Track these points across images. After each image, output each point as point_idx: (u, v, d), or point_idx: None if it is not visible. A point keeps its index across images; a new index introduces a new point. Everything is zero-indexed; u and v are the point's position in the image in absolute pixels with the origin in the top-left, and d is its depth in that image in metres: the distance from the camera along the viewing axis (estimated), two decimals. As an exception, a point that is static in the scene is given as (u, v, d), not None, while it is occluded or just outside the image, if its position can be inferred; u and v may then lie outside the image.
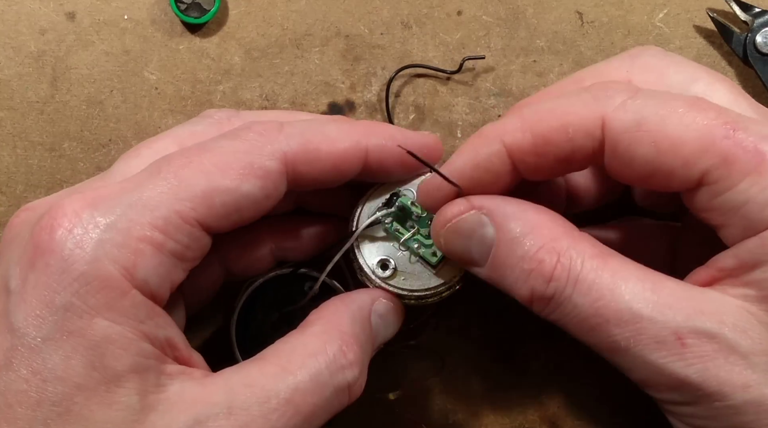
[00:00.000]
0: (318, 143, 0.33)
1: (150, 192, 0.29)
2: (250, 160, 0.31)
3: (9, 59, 0.44)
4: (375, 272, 0.37)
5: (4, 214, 0.44)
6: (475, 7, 0.44)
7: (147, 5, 0.44)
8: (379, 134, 0.35)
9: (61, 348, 0.28)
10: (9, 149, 0.44)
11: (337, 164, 0.34)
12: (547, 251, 0.31)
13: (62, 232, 0.28)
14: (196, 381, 0.30)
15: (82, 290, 0.28)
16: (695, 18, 0.44)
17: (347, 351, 0.32)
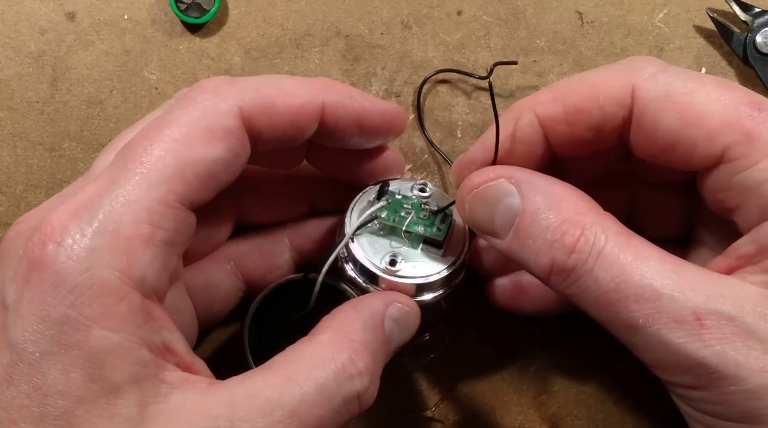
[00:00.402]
0: (273, 97, 0.32)
1: (124, 187, 0.29)
2: (208, 124, 0.31)
3: (9, 59, 0.44)
4: (386, 269, 0.36)
5: (4, 214, 0.44)
6: (475, 7, 0.44)
7: (147, 5, 0.44)
8: (337, 91, 0.34)
9: (60, 361, 0.27)
10: (9, 149, 0.44)
11: (293, 119, 0.33)
12: (572, 224, 0.31)
13: (53, 246, 0.28)
14: (198, 391, 0.30)
15: (78, 302, 0.28)
16: (695, 18, 0.44)
17: (357, 360, 0.31)
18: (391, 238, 0.37)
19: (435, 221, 0.37)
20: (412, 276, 0.36)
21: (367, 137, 0.36)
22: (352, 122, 0.35)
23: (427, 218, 0.37)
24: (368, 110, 0.34)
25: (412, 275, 0.36)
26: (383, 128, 0.36)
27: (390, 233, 0.37)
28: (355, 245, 0.37)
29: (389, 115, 0.36)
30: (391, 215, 0.37)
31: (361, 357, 0.31)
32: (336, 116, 0.34)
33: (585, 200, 0.32)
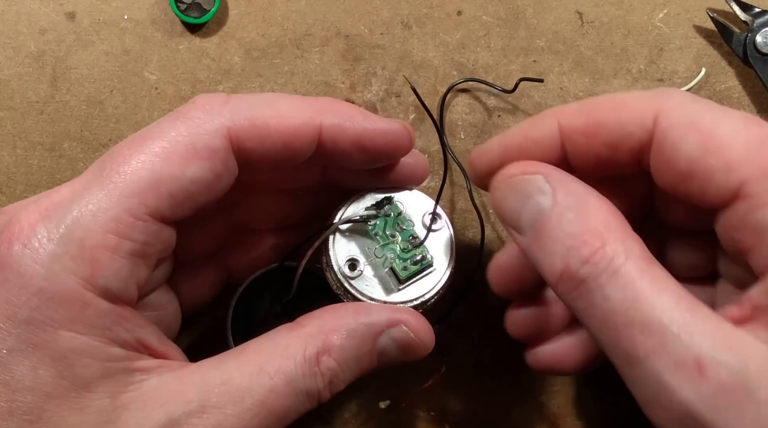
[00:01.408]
0: (266, 118, 0.32)
1: (96, 194, 0.29)
2: (192, 141, 0.30)
3: (9, 59, 0.44)
4: (342, 269, 0.36)
5: (4, 214, 0.44)
6: (475, 7, 0.44)
7: (147, 5, 0.44)
8: (337, 112, 0.33)
9: (28, 358, 0.28)
10: (9, 149, 0.44)
11: (286, 141, 0.32)
12: (594, 235, 0.30)
13: (18, 247, 0.28)
14: (172, 373, 0.30)
15: (43, 306, 0.28)
16: (695, 18, 0.44)
17: (323, 360, 0.31)
18: (369, 246, 0.36)
19: (411, 258, 0.36)
20: (359, 291, 0.35)
21: (371, 158, 0.35)
22: (353, 144, 0.33)
23: (408, 251, 0.36)
24: (369, 131, 0.33)
25: (360, 289, 0.35)
26: (387, 149, 0.34)
27: (372, 241, 0.36)
28: (336, 237, 0.36)
29: (392, 135, 0.34)
30: (377, 227, 0.36)
31: (326, 359, 0.31)
32: (334, 138, 0.33)
33: (616, 216, 0.31)
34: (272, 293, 0.41)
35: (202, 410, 0.29)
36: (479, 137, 0.44)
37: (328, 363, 0.32)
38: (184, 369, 0.31)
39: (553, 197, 0.31)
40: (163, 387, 0.29)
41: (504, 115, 0.44)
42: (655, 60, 0.44)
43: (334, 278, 0.36)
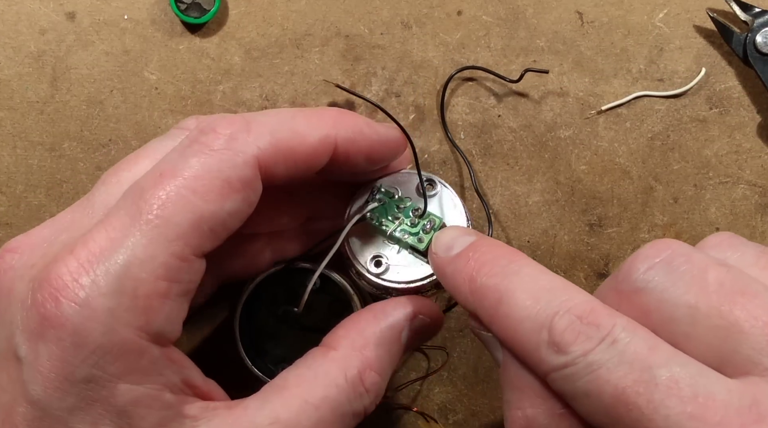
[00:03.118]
0: (288, 141, 0.32)
1: (140, 241, 0.28)
2: (227, 176, 0.30)
3: (9, 59, 0.44)
4: (371, 271, 0.37)
5: (4, 214, 0.44)
6: (475, 7, 0.44)
7: (147, 5, 0.44)
8: (347, 125, 0.34)
9: (89, 415, 0.27)
10: (9, 149, 0.44)
11: (308, 160, 0.33)
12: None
13: (67, 304, 0.27)
14: (221, 419, 0.30)
15: (101, 362, 0.27)
16: (695, 18, 0.44)
17: (365, 380, 0.32)
18: (383, 237, 0.37)
19: (421, 229, 0.37)
20: (393, 280, 0.36)
21: (372, 165, 0.36)
22: (363, 155, 0.34)
23: (417, 225, 0.37)
24: (377, 142, 0.34)
25: (393, 279, 0.36)
26: (390, 155, 0.36)
27: (381, 232, 0.37)
28: (351, 244, 0.37)
29: (393, 143, 0.35)
30: (381, 217, 0.37)
31: (370, 376, 0.32)
32: (347, 152, 0.34)
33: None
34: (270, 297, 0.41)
35: None
36: (479, 137, 0.44)
37: (372, 379, 0.32)
38: (231, 412, 0.30)
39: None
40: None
41: (504, 115, 0.44)
42: (655, 60, 0.44)
43: (369, 282, 0.37)
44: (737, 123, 0.44)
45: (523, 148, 0.44)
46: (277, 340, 0.41)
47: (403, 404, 0.44)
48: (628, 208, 0.44)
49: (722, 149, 0.44)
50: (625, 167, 0.44)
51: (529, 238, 0.44)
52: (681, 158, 0.44)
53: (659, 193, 0.44)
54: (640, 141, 0.44)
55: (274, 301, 0.41)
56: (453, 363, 0.44)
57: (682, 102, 0.44)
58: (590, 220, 0.44)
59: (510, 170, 0.44)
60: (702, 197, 0.44)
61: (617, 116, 0.44)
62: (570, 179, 0.44)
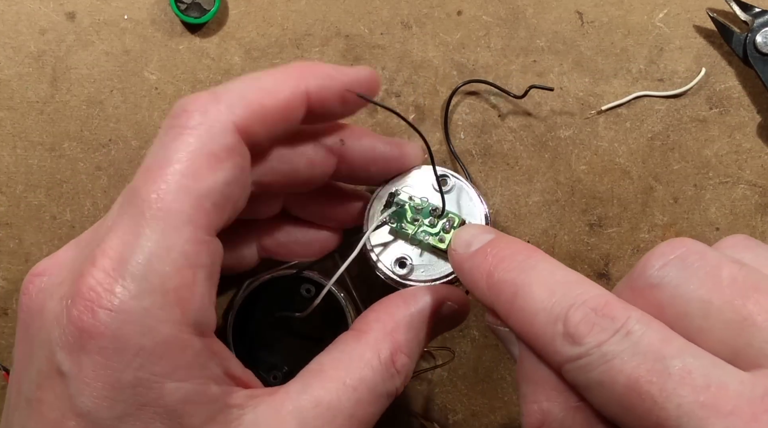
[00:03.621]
0: (260, 100, 0.32)
1: (152, 237, 0.28)
2: (209, 150, 0.30)
3: (9, 59, 0.44)
4: (394, 272, 0.37)
5: (4, 214, 0.44)
6: (475, 7, 0.44)
7: (147, 5, 0.44)
8: (315, 73, 0.34)
9: (139, 420, 0.28)
10: (9, 149, 0.44)
11: (284, 115, 0.33)
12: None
13: (104, 312, 0.27)
14: (266, 405, 0.30)
15: (146, 364, 0.27)
16: (695, 18, 0.44)
17: (396, 361, 0.33)
18: (405, 238, 0.38)
19: (442, 229, 0.37)
20: (419, 280, 0.37)
21: (349, 107, 0.35)
22: (336, 99, 0.34)
23: (435, 224, 0.37)
24: (347, 83, 0.34)
25: (419, 279, 0.37)
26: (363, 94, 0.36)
27: (402, 235, 0.38)
28: (373, 248, 0.38)
29: (366, 80, 0.35)
30: (399, 222, 0.38)
31: (400, 358, 0.33)
32: (321, 99, 0.34)
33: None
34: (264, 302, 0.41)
35: None
36: (479, 137, 0.44)
37: (402, 360, 0.33)
38: (274, 398, 0.31)
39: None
40: (263, 421, 0.30)
41: (504, 115, 0.44)
42: (655, 60, 0.44)
43: (396, 284, 0.37)
44: (737, 123, 0.44)
45: (523, 148, 0.44)
46: (271, 348, 0.41)
47: (403, 404, 0.44)
48: (628, 208, 0.44)
49: (722, 149, 0.44)
50: (625, 167, 0.44)
51: (529, 238, 0.44)
52: (681, 158, 0.44)
53: (659, 193, 0.44)
54: (640, 141, 0.44)
55: (268, 308, 0.41)
56: (453, 363, 0.44)
57: (682, 102, 0.44)
58: (590, 220, 0.44)
59: (510, 170, 0.44)
60: (702, 197, 0.44)
61: (617, 116, 0.44)
62: (570, 179, 0.44)
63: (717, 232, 0.43)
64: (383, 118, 0.44)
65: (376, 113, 0.44)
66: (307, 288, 0.41)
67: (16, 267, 0.44)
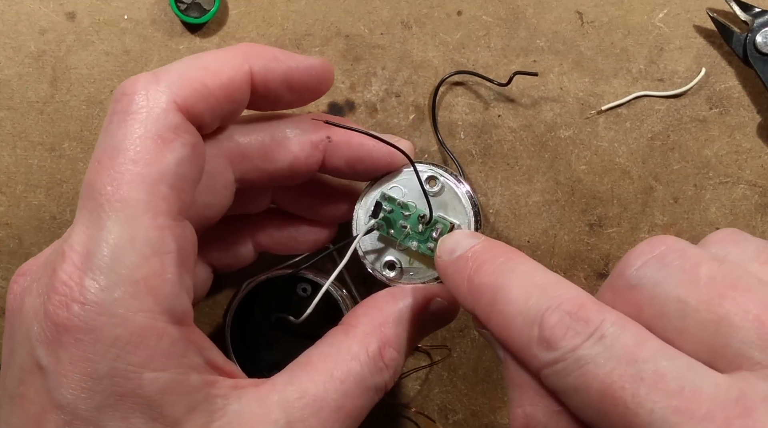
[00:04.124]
0: (201, 79, 0.32)
1: (114, 229, 0.28)
2: (154, 132, 0.30)
3: (9, 59, 0.44)
4: (384, 274, 0.38)
5: (4, 214, 0.44)
6: (475, 7, 0.44)
7: (147, 5, 0.44)
8: (261, 54, 0.34)
9: (118, 411, 0.27)
10: (9, 149, 0.44)
11: (227, 94, 0.32)
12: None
13: (77, 306, 0.28)
14: (251, 396, 0.30)
15: (122, 353, 0.27)
16: (695, 18, 0.44)
17: (384, 355, 0.33)
18: (394, 243, 0.38)
19: (429, 236, 0.37)
20: (409, 282, 0.38)
21: (298, 95, 0.35)
22: (282, 82, 0.34)
23: (424, 231, 0.37)
24: (294, 69, 0.34)
25: (409, 281, 0.38)
26: (312, 84, 0.35)
27: (392, 240, 0.38)
28: (363, 250, 0.38)
29: (316, 70, 0.35)
30: (388, 228, 0.38)
31: (388, 352, 0.33)
32: (265, 80, 0.34)
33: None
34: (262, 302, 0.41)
35: (289, 426, 0.30)
36: (479, 137, 0.44)
37: (390, 354, 0.33)
38: (259, 388, 0.31)
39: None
40: (247, 411, 0.30)
41: (504, 115, 0.44)
42: (655, 60, 0.44)
43: (385, 284, 0.38)
44: (737, 123, 0.44)
45: (523, 148, 0.44)
46: (271, 348, 0.41)
47: (403, 404, 0.44)
48: (628, 208, 0.44)
49: (722, 149, 0.44)
50: (625, 167, 0.44)
51: (529, 238, 0.44)
52: (681, 158, 0.44)
53: (659, 193, 0.44)
54: (640, 141, 0.44)
55: (266, 308, 0.41)
56: (453, 363, 0.44)
57: (682, 102, 0.44)
58: (590, 220, 0.44)
59: (510, 170, 0.44)
60: (702, 197, 0.44)
61: (617, 116, 0.44)
62: (570, 179, 0.44)
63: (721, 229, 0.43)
64: (383, 118, 0.44)
65: (376, 113, 0.44)
66: (303, 288, 0.41)
67: (16, 267, 0.44)
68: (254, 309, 0.41)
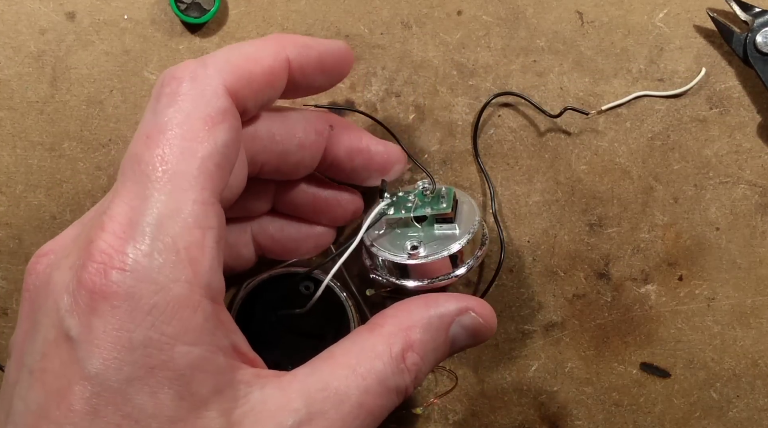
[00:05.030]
0: (245, 65, 0.32)
1: (160, 199, 0.28)
2: (205, 113, 0.30)
3: (9, 59, 0.44)
4: (409, 256, 0.37)
5: (4, 214, 0.44)
6: (475, 7, 0.44)
7: (147, 5, 0.44)
8: (294, 43, 0.35)
9: (147, 384, 0.27)
10: (9, 149, 0.44)
11: (269, 81, 0.33)
12: None
13: (116, 272, 0.27)
14: (274, 386, 0.30)
15: (158, 322, 0.27)
16: (695, 18, 0.44)
17: (407, 358, 0.33)
18: (407, 230, 0.38)
19: (440, 199, 0.38)
20: (436, 253, 0.37)
21: (328, 77, 0.36)
22: (316, 67, 0.35)
23: (432, 199, 0.38)
24: (324, 53, 0.35)
25: (435, 252, 0.37)
26: (339, 66, 0.36)
27: (404, 226, 0.38)
28: (375, 248, 0.38)
29: (341, 51, 0.36)
30: (397, 209, 0.38)
31: (411, 356, 0.33)
32: (301, 66, 0.34)
33: None
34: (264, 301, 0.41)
35: (310, 417, 0.29)
36: (479, 137, 0.44)
37: (412, 359, 0.33)
38: (282, 378, 0.31)
39: None
40: (269, 400, 0.30)
41: (504, 115, 0.44)
42: (655, 60, 0.44)
43: (407, 275, 0.37)
44: (737, 123, 0.44)
45: (523, 148, 0.44)
46: (274, 347, 0.41)
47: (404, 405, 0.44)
48: (628, 208, 0.44)
49: (722, 149, 0.44)
50: (625, 167, 0.44)
51: (529, 238, 0.44)
52: (681, 158, 0.44)
53: (659, 193, 0.44)
54: (640, 141, 0.44)
55: (268, 307, 0.41)
56: (453, 363, 0.44)
57: (682, 102, 0.44)
58: (590, 220, 0.44)
59: (510, 170, 0.44)
60: (702, 197, 0.44)
61: (617, 116, 0.44)
62: (570, 179, 0.44)
63: (717, 232, 0.43)
64: (383, 118, 0.44)
65: (376, 112, 0.44)
66: (306, 285, 0.41)
67: (16, 267, 0.44)
68: (256, 309, 0.41)
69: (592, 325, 0.44)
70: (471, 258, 0.38)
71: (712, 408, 0.44)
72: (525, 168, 0.44)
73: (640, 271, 0.44)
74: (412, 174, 0.44)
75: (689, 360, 0.44)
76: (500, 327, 0.44)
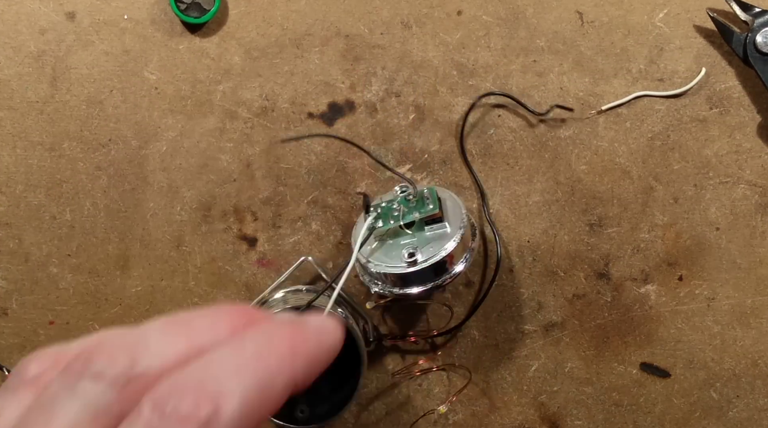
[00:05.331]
0: (257, 403, 0.26)
1: None
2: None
3: (9, 59, 0.44)
4: (407, 264, 0.37)
5: (4, 214, 0.44)
6: (475, 7, 0.44)
7: (147, 5, 0.44)
8: (304, 352, 0.28)
9: None
10: (9, 149, 0.44)
11: (275, 407, 0.28)
12: None
13: None
14: None
15: None
16: (695, 18, 0.44)
17: None
18: (399, 238, 0.38)
19: (425, 202, 0.39)
20: (435, 255, 0.37)
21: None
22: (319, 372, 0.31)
23: (416, 203, 0.39)
24: (325, 351, 0.30)
25: (433, 255, 0.37)
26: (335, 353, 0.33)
27: (394, 235, 0.38)
28: (372, 264, 0.38)
29: (336, 350, 0.31)
30: (385, 220, 0.38)
31: None
32: (306, 377, 0.29)
33: None
34: None
35: None
36: (479, 137, 0.44)
37: None
38: None
39: None
40: None
41: (504, 115, 0.44)
42: (655, 60, 0.44)
43: (409, 283, 0.38)
44: (737, 123, 0.44)
45: (523, 148, 0.44)
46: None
47: (404, 406, 0.44)
48: (628, 208, 0.44)
49: (722, 148, 0.44)
50: (625, 167, 0.44)
51: (529, 238, 0.44)
52: (681, 158, 0.44)
53: (659, 193, 0.44)
54: (640, 141, 0.44)
55: None
56: (453, 363, 0.44)
57: (682, 102, 0.44)
58: (590, 220, 0.44)
59: (510, 170, 0.44)
60: (702, 196, 0.44)
61: (617, 116, 0.44)
62: (570, 179, 0.44)
63: (717, 232, 0.43)
64: (383, 118, 0.44)
65: (376, 112, 0.44)
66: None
67: (16, 267, 0.44)
68: None
69: (592, 325, 0.44)
70: (467, 252, 0.38)
71: (712, 408, 0.44)
72: (525, 168, 0.44)
73: (640, 271, 0.44)
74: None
75: (689, 360, 0.44)
76: (500, 327, 0.44)
